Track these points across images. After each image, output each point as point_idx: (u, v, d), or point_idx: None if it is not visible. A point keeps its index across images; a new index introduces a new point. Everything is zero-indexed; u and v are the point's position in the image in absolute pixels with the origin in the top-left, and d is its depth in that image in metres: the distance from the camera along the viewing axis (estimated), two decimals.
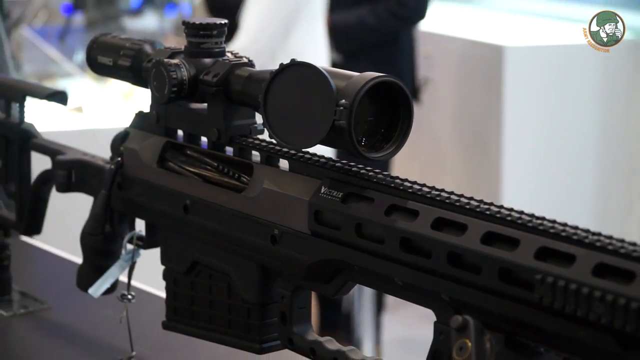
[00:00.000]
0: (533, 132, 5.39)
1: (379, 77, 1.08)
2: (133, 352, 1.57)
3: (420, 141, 5.93)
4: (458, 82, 5.69)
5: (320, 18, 4.49)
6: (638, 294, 0.82)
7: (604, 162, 5.62)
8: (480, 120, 5.51)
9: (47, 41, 5.92)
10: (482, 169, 5.51)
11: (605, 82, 5.58)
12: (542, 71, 5.42)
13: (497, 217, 0.96)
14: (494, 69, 5.35)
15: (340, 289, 1.16)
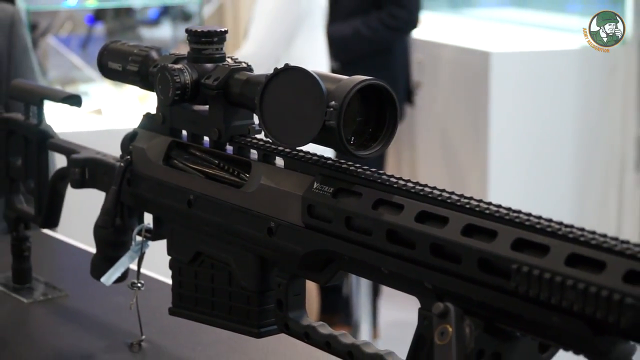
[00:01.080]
0: (517, 131, 5.39)
1: (367, 80, 1.07)
2: (143, 336, 1.58)
3: (413, 140, 5.92)
4: (448, 85, 5.69)
5: (321, 28, 4.50)
6: (608, 283, 0.82)
7: (581, 159, 5.62)
8: (468, 120, 5.51)
9: (71, 49, 5.90)
10: (470, 166, 5.51)
11: (582, 85, 5.58)
12: (525, 75, 5.43)
13: (476, 210, 0.96)
14: (481, 73, 5.35)
15: (332, 278, 1.16)
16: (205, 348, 1.56)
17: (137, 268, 1.49)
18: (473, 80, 5.42)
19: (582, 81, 5.57)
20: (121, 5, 6.44)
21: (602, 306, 0.82)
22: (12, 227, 1.80)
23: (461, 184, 5.49)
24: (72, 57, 5.63)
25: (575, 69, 5.56)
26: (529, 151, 5.42)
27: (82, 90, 5.00)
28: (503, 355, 0.95)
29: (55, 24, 6.68)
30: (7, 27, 2.56)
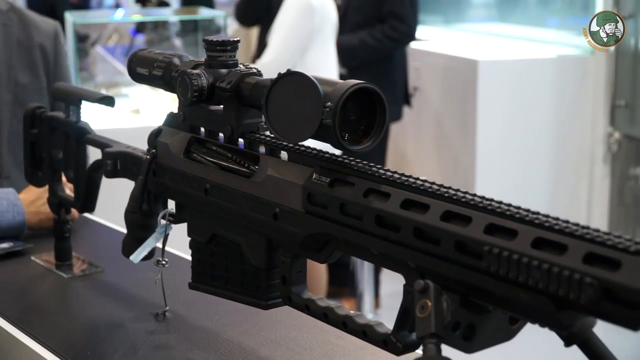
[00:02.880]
0: (501, 129, 5.40)
1: (359, 84, 1.07)
2: (167, 307, 1.58)
3: (410, 137, 5.92)
4: (441, 89, 5.68)
5: (332, 40, 4.53)
6: (569, 264, 0.81)
7: (555, 154, 5.62)
8: (459, 119, 5.51)
9: (116, 57, 5.94)
10: (461, 160, 5.51)
11: (557, 89, 5.58)
12: (508, 81, 5.43)
13: (454, 198, 0.95)
14: (470, 78, 5.36)
15: (329, 257, 1.15)
16: (221, 317, 1.55)
17: (162, 247, 1.48)
18: (463, 84, 5.43)
19: (557, 86, 5.57)
20: (159, 19, 6.47)
21: (564, 284, 0.81)
22: (54, 211, 1.80)
23: (452, 176, 5.50)
24: (116, 64, 5.67)
25: (552, 75, 5.56)
26: (511, 146, 5.43)
27: (124, 93, 5.03)
28: (477, 326, 0.95)
29: (103, 35, 6.73)
30: (53, 36, 2.63)
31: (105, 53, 6.10)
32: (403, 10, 4.99)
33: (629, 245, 0.78)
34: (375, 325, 1.07)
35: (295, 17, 4.33)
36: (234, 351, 1.43)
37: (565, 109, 5.62)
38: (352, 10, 5.02)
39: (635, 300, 0.76)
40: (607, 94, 5.66)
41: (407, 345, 1.03)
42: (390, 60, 5.10)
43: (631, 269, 0.77)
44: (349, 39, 4.89)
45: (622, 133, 5.71)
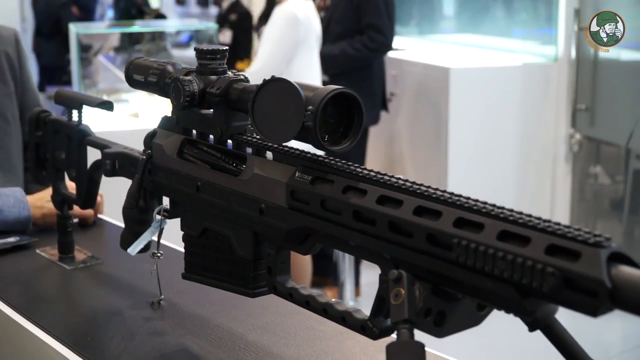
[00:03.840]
0: (471, 131, 5.41)
1: (338, 89, 1.07)
2: (162, 296, 1.57)
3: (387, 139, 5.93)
4: (416, 95, 5.69)
5: (316, 50, 4.55)
6: (532, 255, 0.81)
7: (521, 154, 5.63)
8: (432, 122, 5.52)
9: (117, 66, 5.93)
10: (434, 160, 5.52)
11: (523, 94, 5.60)
12: (477, 87, 5.45)
13: (426, 194, 0.95)
14: (442, 84, 5.37)
15: (310, 249, 1.15)
16: (212, 305, 1.55)
17: (157, 241, 1.47)
18: (436, 90, 5.43)
19: (523, 91, 5.59)
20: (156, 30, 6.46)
21: (528, 274, 0.81)
22: (58, 208, 1.80)
23: (426, 175, 5.51)
24: (117, 72, 5.66)
25: (518, 81, 5.58)
26: (480, 147, 5.44)
27: (124, 98, 5.03)
28: (447, 313, 0.94)
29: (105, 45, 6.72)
30: (14, 42, 2.58)
31: (107, 62, 6.10)
32: (381, 22, 5.01)
33: (588, 238, 0.78)
34: (354, 312, 1.07)
35: (282, 29, 4.34)
36: (223, 336, 1.43)
37: (530, 112, 5.63)
38: (334, 22, 5.04)
39: (594, 288, 0.76)
40: (568, 98, 5.68)
41: (383, 330, 1.03)
42: (369, 69, 5.12)
43: (590, 259, 0.77)
44: (331, 48, 4.91)
45: (583, 134, 5.73)
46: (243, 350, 1.37)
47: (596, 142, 5.83)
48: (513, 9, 6.47)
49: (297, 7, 4.36)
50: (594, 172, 5.91)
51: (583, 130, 5.72)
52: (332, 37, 4.96)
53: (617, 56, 5.61)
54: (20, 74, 2.58)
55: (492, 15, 6.65)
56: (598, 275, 0.75)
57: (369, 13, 5.01)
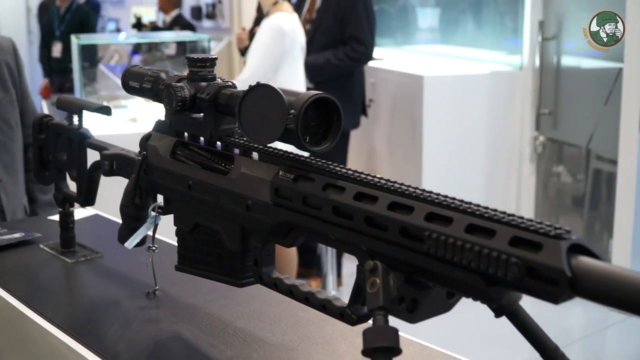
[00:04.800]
0: (443, 134, 5.42)
1: (318, 94, 1.07)
2: (157, 286, 1.57)
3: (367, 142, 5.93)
4: (393, 101, 5.70)
5: (301, 60, 4.56)
6: (497, 246, 0.80)
7: (490, 154, 5.65)
8: (408, 126, 5.52)
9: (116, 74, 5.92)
10: (409, 160, 5.53)
11: (491, 100, 5.62)
12: (449, 93, 5.46)
13: (399, 191, 0.94)
14: (417, 91, 5.38)
15: (293, 242, 1.14)
16: (204, 295, 1.55)
17: (152, 235, 1.47)
18: (411, 96, 5.44)
19: (491, 97, 5.61)
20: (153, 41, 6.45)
21: (493, 264, 0.80)
22: (60, 205, 1.79)
23: (402, 174, 5.52)
24: (117, 80, 5.66)
25: (486, 88, 5.60)
26: (452, 148, 5.46)
27: (123, 104, 5.03)
28: (419, 300, 0.94)
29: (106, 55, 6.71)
30: (12, 52, 2.60)
31: (107, 71, 6.09)
32: (362, 34, 5.03)
33: (549, 230, 0.78)
34: (333, 300, 1.07)
35: (269, 40, 4.35)
36: (214, 323, 1.43)
37: (497, 116, 5.66)
38: (319, 34, 5.04)
39: (555, 277, 0.75)
40: (533, 103, 5.70)
41: (360, 317, 1.02)
42: (351, 77, 5.13)
43: (551, 250, 0.76)
44: (316, 58, 4.93)
45: (546, 137, 5.75)
46: (232, 336, 1.37)
47: (559, 144, 5.85)
48: (482, 22, 6.48)
49: (283, 21, 4.36)
50: (557, 171, 5.93)
51: (546, 133, 5.74)
52: (317, 47, 4.97)
53: (578, 64, 5.64)
54: (19, 81, 2.60)
55: (462, 28, 6.66)
56: (559, 265, 0.75)
57: (351, 26, 5.03)
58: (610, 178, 5.33)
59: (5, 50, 2.56)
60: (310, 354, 1.30)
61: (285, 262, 4.61)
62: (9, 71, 2.54)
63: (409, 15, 7.25)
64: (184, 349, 1.33)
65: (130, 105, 4.97)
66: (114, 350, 1.32)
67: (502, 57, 5.97)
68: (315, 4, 5.15)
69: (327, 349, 1.32)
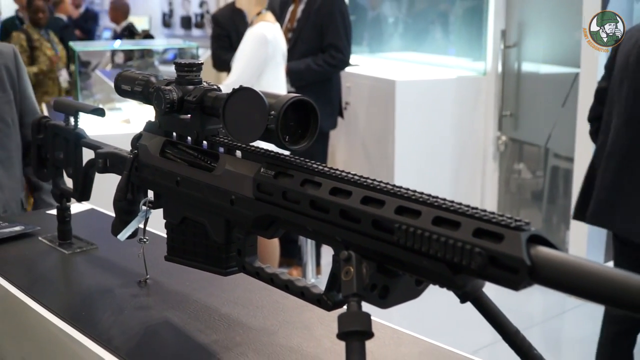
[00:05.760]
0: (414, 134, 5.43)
1: (296, 96, 1.06)
2: (147, 276, 1.55)
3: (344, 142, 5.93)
4: (367, 103, 5.70)
5: (282, 65, 4.57)
6: (462, 237, 0.80)
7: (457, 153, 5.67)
8: (381, 127, 5.53)
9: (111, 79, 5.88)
10: (382, 159, 5.54)
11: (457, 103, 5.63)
12: (419, 96, 5.48)
13: (371, 186, 0.94)
14: (389, 95, 5.38)
15: (274, 233, 1.13)
16: (192, 283, 1.53)
17: (143, 228, 1.45)
18: (384, 99, 5.45)
19: (457, 100, 5.63)
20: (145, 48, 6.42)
21: (458, 253, 0.80)
22: (57, 200, 1.78)
23: (376, 171, 5.53)
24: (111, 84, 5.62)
25: (453, 92, 5.61)
26: (421, 147, 5.47)
27: (117, 107, 5.00)
28: (390, 287, 0.93)
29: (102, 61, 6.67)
30: (13, 57, 2.61)
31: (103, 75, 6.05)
32: (340, 42, 5.04)
33: (510, 222, 0.77)
34: (311, 287, 1.06)
35: (253, 48, 4.35)
36: (201, 309, 1.42)
37: (463, 118, 5.68)
38: (300, 42, 5.06)
39: (515, 266, 0.75)
40: (496, 106, 5.72)
41: (336, 303, 1.02)
42: (329, 82, 5.14)
43: (511, 241, 0.76)
44: (297, 64, 4.94)
45: (508, 137, 5.77)
46: (217, 321, 1.36)
47: (519, 143, 5.88)
48: (449, 31, 6.50)
49: (266, 29, 4.37)
50: (518, 169, 5.96)
51: (508, 133, 5.77)
52: (298, 54, 4.98)
53: (537, 70, 5.66)
54: (18, 83, 2.60)
55: (431, 36, 6.68)
56: (519, 255, 0.75)
57: (330, 34, 5.04)
58: (566, 174, 5.36)
59: (6, 55, 2.58)
60: (290, 337, 1.30)
61: (268, 252, 4.61)
62: (8, 74, 2.56)
63: (382, 25, 7.27)
64: (173, 334, 1.32)
65: (125, 107, 4.94)
66: (107, 335, 1.31)
67: (467, 64, 5.99)
68: (296, 14, 5.16)
69: (305, 333, 1.31)
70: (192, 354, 1.24)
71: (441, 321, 4.19)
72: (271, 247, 4.64)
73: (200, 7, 9.83)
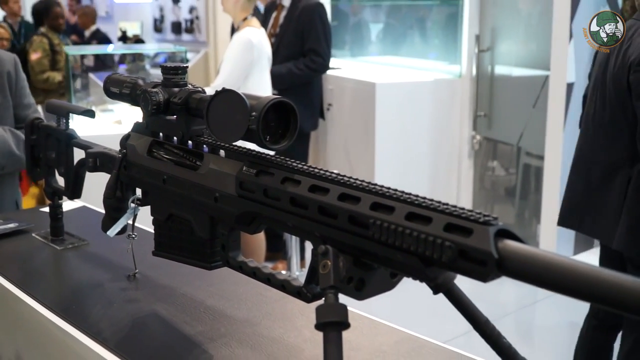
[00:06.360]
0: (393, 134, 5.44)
1: (276, 98, 1.05)
2: (136, 270, 1.55)
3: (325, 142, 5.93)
4: (349, 105, 5.69)
5: (267, 69, 4.56)
6: (433, 232, 0.80)
7: (434, 152, 5.68)
8: (361, 128, 5.53)
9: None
10: (363, 158, 5.54)
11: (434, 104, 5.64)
12: (398, 98, 5.48)
13: (348, 184, 0.93)
14: (370, 96, 5.38)
15: (256, 229, 1.12)
16: (179, 277, 1.53)
17: (132, 224, 1.44)
18: (365, 101, 5.45)
19: (434, 101, 5.63)
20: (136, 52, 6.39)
21: (430, 247, 0.80)
22: (50, 198, 1.76)
23: (356, 170, 5.53)
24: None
25: (430, 93, 5.62)
26: (400, 146, 5.48)
27: (109, 108, 4.97)
28: (366, 280, 0.93)
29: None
30: (13, 64, 2.62)
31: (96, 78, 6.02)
32: (320, 47, 5.05)
33: (479, 217, 0.77)
34: (292, 280, 1.06)
35: (239, 52, 4.35)
36: (187, 302, 1.41)
37: (440, 118, 5.68)
38: (282, 47, 5.06)
39: (483, 258, 0.75)
40: (470, 107, 5.73)
41: (315, 295, 1.02)
42: (310, 84, 5.15)
43: (480, 235, 0.76)
44: (279, 68, 4.94)
45: (482, 136, 5.79)
46: (203, 313, 1.36)
47: (493, 142, 5.90)
48: (426, 36, 6.51)
49: (252, 34, 4.36)
50: (492, 166, 5.98)
51: (482, 132, 5.78)
52: (280, 58, 4.98)
53: (510, 72, 5.68)
54: (16, 88, 2.61)
55: (409, 41, 6.69)
56: (487, 248, 0.75)
57: (310, 40, 5.04)
58: (537, 171, 5.38)
59: (7, 62, 2.60)
60: (272, 328, 1.30)
61: (254, 246, 4.60)
62: (8, 80, 2.56)
63: (363, 30, 7.27)
64: (160, 325, 1.31)
65: (116, 109, 4.92)
66: (97, 327, 1.31)
67: (443, 67, 6.00)
68: (279, 20, 5.16)
69: (286, 324, 1.31)
70: (179, 345, 1.23)
71: (415, 312, 4.20)
72: (257, 242, 4.63)
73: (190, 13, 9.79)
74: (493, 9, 5.70)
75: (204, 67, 9.14)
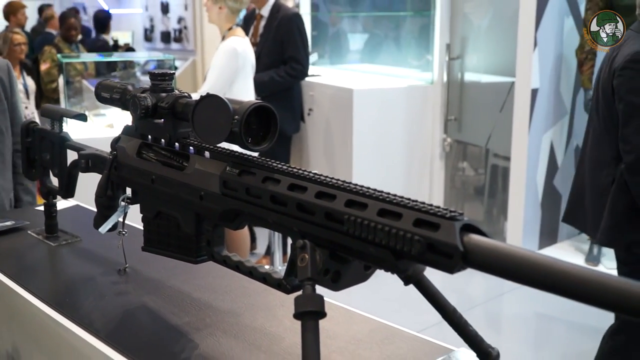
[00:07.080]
0: (369, 137, 5.44)
1: (258, 103, 1.05)
2: (127, 265, 1.54)
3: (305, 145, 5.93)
4: (328, 110, 5.70)
5: (251, 76, 4.55)
6: (404, 227, 0.80)
7: (407, 154, 5.69)
8: (340, 131, 5.53)
9: None
10: (341, 160, 5.54)
11: (408, 109, 5.65)
12: (374, 103, 5.49)
13: (324, 183, 0.94)
14: (347, 102, 5.39)
15: (239, 225, 1.12)
16: (167, 271, 1.53)
17: (122, 221, 1.44)
18: (343, 106, 5.46)
19: (408, 106, 5.65)
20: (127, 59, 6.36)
21: (400, 241, 0.80)
22: (44, 197, 1.76)
23: (335, 170, 5.53)
24: None
25: (404, 99, 5.64)
26: (376, 149, 5.48)
27: (102, 113, 4.94)
28: (341, 272, 0.94)
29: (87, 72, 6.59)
30: (6, 71, 2.59)
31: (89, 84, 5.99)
32: (299, 55, 5.06)
33: (445, 213, 0.78)
34: (272, 273, 1.06)
35: (225, 59, 4.34)
36: (174, 295, 1.41)
37: (413, 122, 5.70)
38: (263, 55, 5.06)
39: (450, 252, 0.76)
40: (442, 111, 5.76)
41: (294, 287, 1.02)
42: (291, 90, 5.16)
43: (447, 229, 0.77)
44: (262, 76, 4.94)
45: (453, 139, 5.81)
46: (189, 305, 1.35)
47: (463, 144, 5.92)
48: (400, 45, 6.53)
49: (237, 43, 4.36)
50: (462, 167, 6.00)
51: (453, 135, 5.81)
52: (262, 66, 4.98)
53: (478, 79, 5.71)
54: (10, 95, 2.58)
55: (385, 50, 6.71)
56: (453, 242, 0.75)
57: (290, 48, 5.05)
58: (504, 172, 5.41)
59: (1, 69, 2.54)
60: (254, 318, 1.30)
61: (239, 242, 4.59)
62: (2, 86, 2.53)
63: (342, 40, 7.28)
64: (149, 317, 1.31)
65: (109, 113, 4.89)
66: (89, 319, 1.30)
67: (416, 74, 6.02)
68: (258, 29, 5.17)
69: (268, 314, 1.31)
70: (167, 335, 1.23)
71: (388, 302, 4.21)
72: (242, 238, 4.63)
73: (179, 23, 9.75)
74: (462, 19, 5.73)
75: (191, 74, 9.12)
